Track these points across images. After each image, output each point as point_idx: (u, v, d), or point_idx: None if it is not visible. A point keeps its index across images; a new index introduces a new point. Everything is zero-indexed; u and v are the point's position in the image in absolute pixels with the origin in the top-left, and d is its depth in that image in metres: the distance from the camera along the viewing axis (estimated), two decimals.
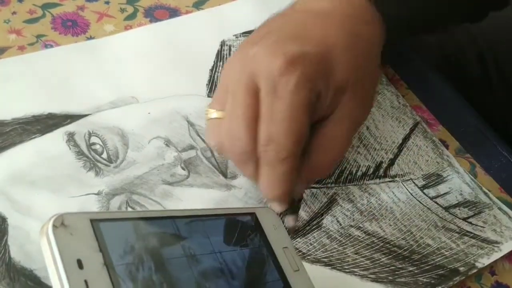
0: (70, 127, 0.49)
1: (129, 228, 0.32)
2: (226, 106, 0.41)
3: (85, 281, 0.28)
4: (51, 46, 0.54)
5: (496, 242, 0.48)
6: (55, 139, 0.48)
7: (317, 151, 0.42)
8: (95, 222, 0.30)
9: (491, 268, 0.47)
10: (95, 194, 0.45)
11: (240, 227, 0.38)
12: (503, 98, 0.68)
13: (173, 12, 0.60)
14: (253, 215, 0.39)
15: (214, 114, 0.43)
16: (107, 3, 0.59)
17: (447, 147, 0.55)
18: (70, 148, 0.47)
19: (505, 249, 0.47)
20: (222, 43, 0.58)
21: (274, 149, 0.39)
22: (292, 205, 0.44)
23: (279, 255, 0.37)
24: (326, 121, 0.42)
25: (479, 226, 0.49)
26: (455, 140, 0.55)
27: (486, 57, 0.69)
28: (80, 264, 0.28)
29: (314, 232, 0.46)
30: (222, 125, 0.42)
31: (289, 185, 0.41)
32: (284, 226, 0.41)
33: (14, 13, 0.56)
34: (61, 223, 0.29)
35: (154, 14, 0.59)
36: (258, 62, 0.40)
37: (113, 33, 0.57)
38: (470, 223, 0.49)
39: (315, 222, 0.47)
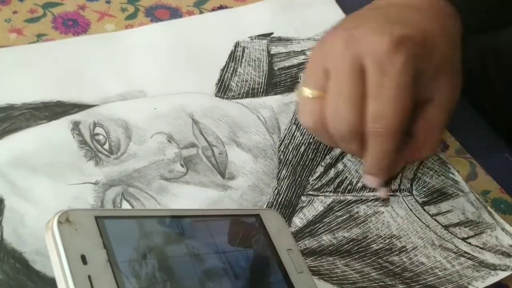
0: (77, 116, 0.49)
1: (134, 226, 0.33)
2: (325, 85, 0.44)
3: (89, 277, 0.28)
4: None
5: (494, 266, 0.46)
6: (61, 126, 0.49)
7: (421, 132, 0.46)
8: (100, 219, 0.31)
9: None
10: (92, 183, 0.45)
11: (245, 228, 0.38)
12: (504, 98, 0.67)
13: (174, 12, 0.60)
14: (257, 216, 0.39)
15: (309, 93, 0.45)
16: (108, 2, 0.59)
17: (447, 147, 0.54)
18: (73, 137, 0.48)
19: (502, 273, 0.46)
20: (236, 44, 0.58)
21: (383, 125, 0.42)
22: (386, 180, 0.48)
23: (283, 257, 0.38)
24: (428, 104, 0.46)
25: (478, 247, 0.47)
26: (455, 140, 0.55)
27: (487, 56, 0.69)
28: (84, 260, 0.29)
29: (306, 240, 0.46)
30: (323, 104, 0.44)
31: (392, 160, 0.44)
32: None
33: (15, 12, 0.56)
34: (66, 219, 0.30)
35: (155, 14, 0.59)
36: (364, 42, 0.43)
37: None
38: (469, 243, 0.48)
39: (307, 230, 0.46)
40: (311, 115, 0.45)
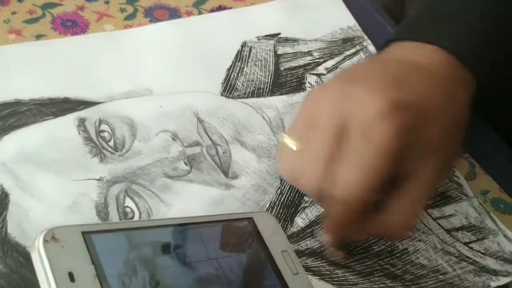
0: (83, 113, 0.50)
1: (122, 239, 0.32)
2: (307, 139, 0.41)
3: None
4: None
5: (495, 271, 0.46)
6: (67, 123, 0.49)
7: (393, 210, 0.41)
8: (87, 235, 0.31)
9: None
10: (96, 179, 0.46)
11: (237, 233, 0.38)
12: (504, 97, 0.66)
13: (173, 12, 0.60)
14: (250, 220, 0.39)
15: (291, 144, 0.42)
16: (107, 3, 0.59)
17: None
18: (79, 133, 0.48)
19: (503, 279, 0.46)
20: (243, 44, 0.59)
21: (349, 193, 0.38)
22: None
23: (278, 259, 0.37)
24: (407, 181, 0.41)
25: (480, 252, 0.47)
26: None
27: None
28: (71, 277, 0.28)
29: (307, 240, 0.46)
30: (299, 157, 0.41)
31: (350, 229, 0.41)
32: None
33: (14, 13, 0.56)
34: (51, 237, 0.29)
35: (154, 14, 0.60)
36: (354, 101, 0.39)
37: None
38: (471, 248, 0.47)
39: (309, 230, 0.46)
40: (289, 166, 0.42)
